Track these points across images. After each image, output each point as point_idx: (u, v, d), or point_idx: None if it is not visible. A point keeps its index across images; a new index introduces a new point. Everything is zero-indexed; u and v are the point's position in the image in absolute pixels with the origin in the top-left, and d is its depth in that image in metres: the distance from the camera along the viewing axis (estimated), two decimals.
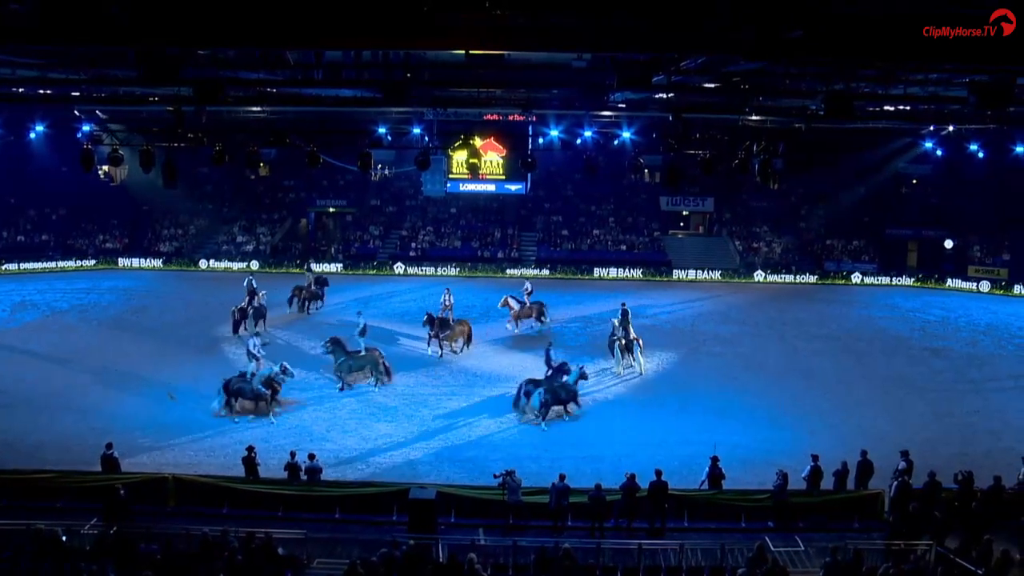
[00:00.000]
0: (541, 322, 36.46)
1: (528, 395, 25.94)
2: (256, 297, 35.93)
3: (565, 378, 26.15)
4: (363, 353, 29.33)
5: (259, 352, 28.11)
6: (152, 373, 29.75)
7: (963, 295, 49.13)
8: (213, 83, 21.13)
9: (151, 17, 14.24)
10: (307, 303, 39.85)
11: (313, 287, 40.34)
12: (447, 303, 35.35)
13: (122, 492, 18.48)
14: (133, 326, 36.77)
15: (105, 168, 47.93)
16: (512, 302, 36.36)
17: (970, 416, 27.14)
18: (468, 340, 33.15)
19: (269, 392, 25.67)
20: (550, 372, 26.91)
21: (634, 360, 30.86)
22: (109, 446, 20.12)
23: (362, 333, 31.18)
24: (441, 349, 32.75)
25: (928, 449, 22.46)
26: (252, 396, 25.79)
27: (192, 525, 16.88)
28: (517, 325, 36.22)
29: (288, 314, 38.78)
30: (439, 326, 32.87)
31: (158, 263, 52.93)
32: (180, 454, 22.83)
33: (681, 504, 19.33)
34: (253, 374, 26.09)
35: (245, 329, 34.61)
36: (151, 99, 24.69)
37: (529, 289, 37.77)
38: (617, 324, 31.19)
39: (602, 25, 14.83)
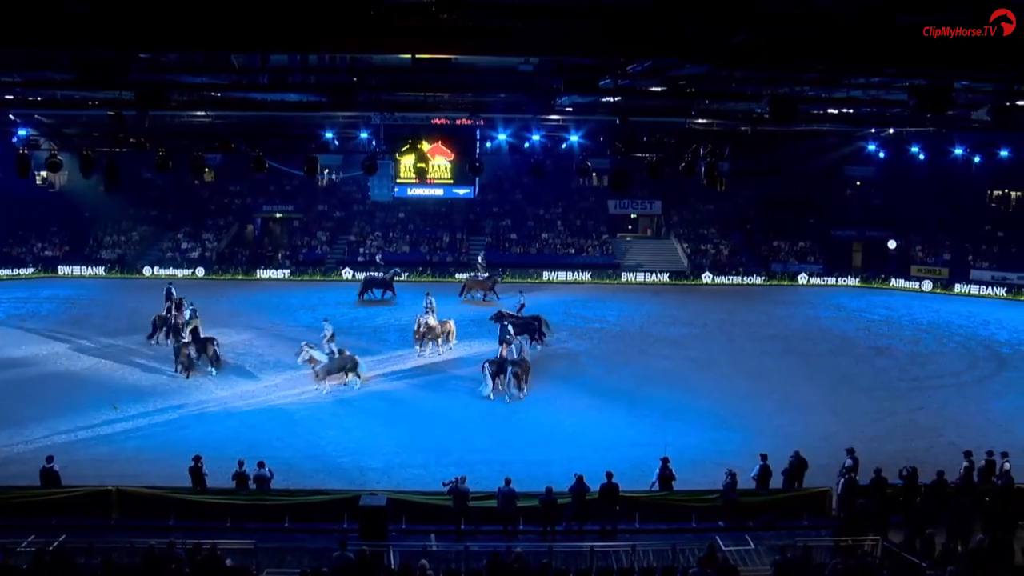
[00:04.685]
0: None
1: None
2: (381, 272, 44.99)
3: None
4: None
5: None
6: (94, 383, 29.12)
7: (906, 294, 50.16)
8: (156, 87, 20.79)
9: (88, 19, 13.90)
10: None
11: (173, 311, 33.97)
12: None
13: None
14: (73, 335, 35.85)
15: (43, 174, 47.03)
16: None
17: (913, 413, 27.64)
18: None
19: None
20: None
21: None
22: (49, 459, 19.59)
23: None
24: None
25: (874, 446, 22.84)
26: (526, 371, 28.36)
27: (137, 538, 16.44)
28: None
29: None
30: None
31: (100, 271, 51.79)
32: (124, 466, 22.25)
33: (632, 506, 19.38)
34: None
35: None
36: (91, 103, 24.15)
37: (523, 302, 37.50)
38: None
39: (549, 29, 14.84)
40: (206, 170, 54.01)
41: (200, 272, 51.17)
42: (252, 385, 28.92)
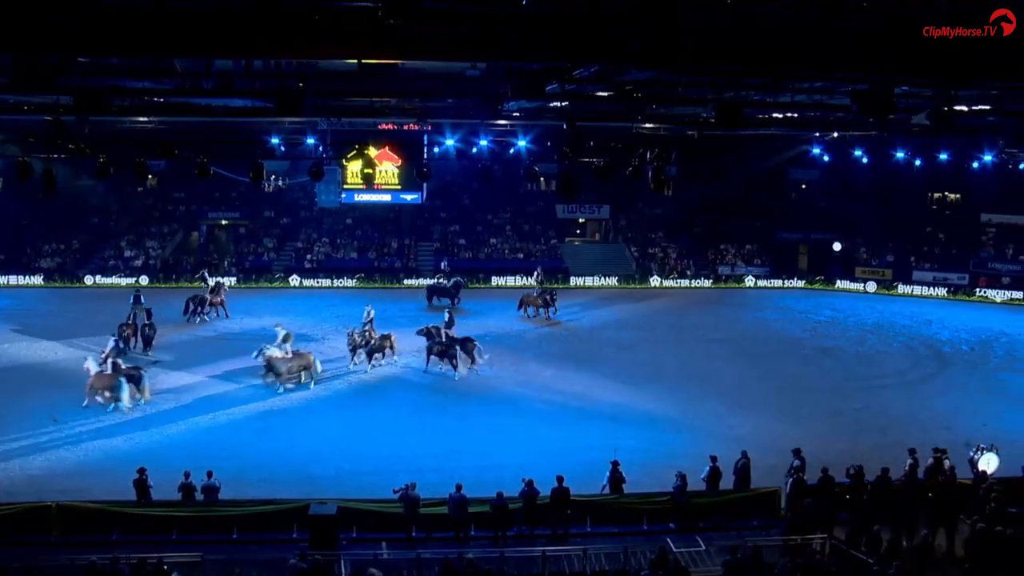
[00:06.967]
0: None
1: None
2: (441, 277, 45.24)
3: None
4: None
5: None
6: (32, 395, 28.36)
7: (851, 295, 51.03)
8: (95, 92, 20.28)
9: (23, 20, 13.53)
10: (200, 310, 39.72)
11: (208, 296, 40.11)
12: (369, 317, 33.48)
13: None
14: (9, 347, 34.93)
15: None
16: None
17: (859, 412, 28.09)
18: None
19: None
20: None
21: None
22: None
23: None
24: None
25: (821, 446, 23.06)
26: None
27: (79, 555, 15.99)
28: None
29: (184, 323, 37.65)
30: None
31: (38, 280, 50.38)
32: (65, 480, 21.69)
33: (583, 509, 19.40)
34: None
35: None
36: (26, 108, 23.57)
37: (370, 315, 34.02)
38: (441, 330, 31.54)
39: (495, 35, 14.80)
40: (149, 177, 53.08)
41: (144, 280, 50.14)
42: (197, 394, 28.41)
